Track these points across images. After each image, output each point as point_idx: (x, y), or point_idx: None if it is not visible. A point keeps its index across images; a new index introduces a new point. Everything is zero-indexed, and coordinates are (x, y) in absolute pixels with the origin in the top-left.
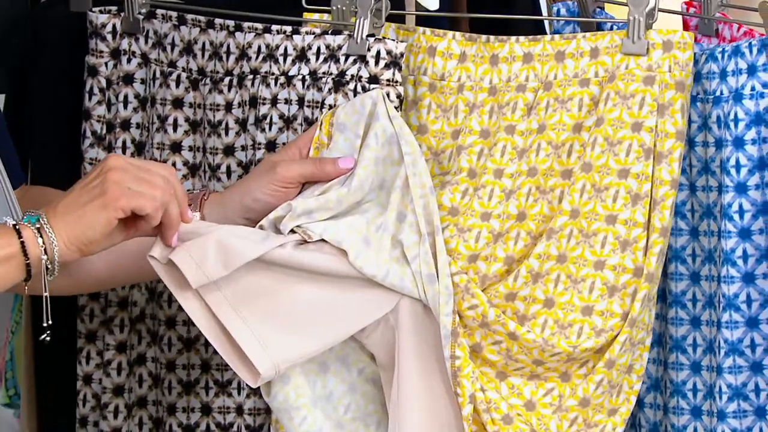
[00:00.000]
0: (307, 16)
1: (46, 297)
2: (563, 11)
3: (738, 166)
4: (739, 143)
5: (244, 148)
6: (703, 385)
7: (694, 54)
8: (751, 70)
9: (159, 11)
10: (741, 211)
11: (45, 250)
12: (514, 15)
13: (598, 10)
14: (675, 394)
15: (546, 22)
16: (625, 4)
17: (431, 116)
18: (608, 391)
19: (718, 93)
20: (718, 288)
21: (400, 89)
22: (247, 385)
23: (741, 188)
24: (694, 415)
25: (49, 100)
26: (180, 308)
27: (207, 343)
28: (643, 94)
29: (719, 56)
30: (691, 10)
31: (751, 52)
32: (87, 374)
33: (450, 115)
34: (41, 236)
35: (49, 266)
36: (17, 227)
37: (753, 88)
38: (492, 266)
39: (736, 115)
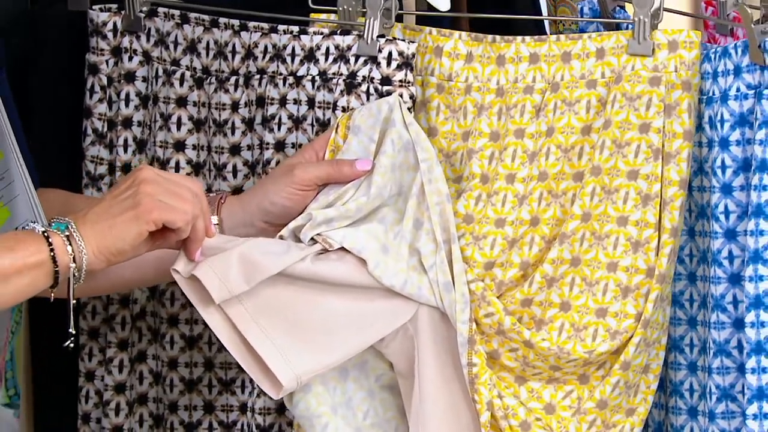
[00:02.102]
0: (313, 16)
1: (72, 305)
2: (586, 9)
3: (723, 167)
4: (724, 144)
5: (250, 147)
6: (698, 385)
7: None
8: (737, 71)
9: (161, 9)
10: (726, 212)
11: (74, 258)
12: (515, 15)
13: (617, 8)
14: (673, 394)
15: (546, 22)
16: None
17: (440, 117)
18: (625, 391)
19: (710, 93)
20: (708, 288)
21: (413, 90)
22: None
23: (726, 189)
24: (690, 415)
25: (49, 99)
26: (183, 306)
27: (210, 342)
28: (649, 95)
29: (712, 57)
30: (710, 9)
31: (736, 53)
32: (89, 371)
33: (459, 116)
34: (70, 244)
35: (76, 274)
36: (46, 234)
37: (738, 89)
38: (508, 272)
39: (722, 115)
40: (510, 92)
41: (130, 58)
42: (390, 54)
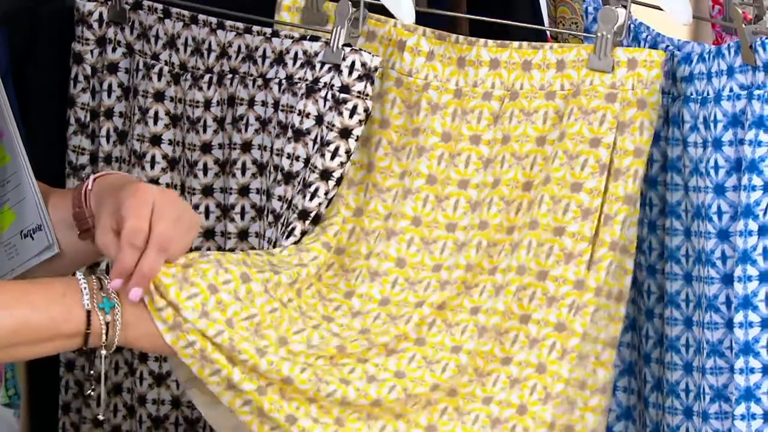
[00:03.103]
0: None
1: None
2: (591, 9)
3: (716, 168)
4: (717, 144)
5: (221, 146)
6: (694, 385)
7: (689, 54)
8: (730, 72)
9: (145, 2)
10: (719, 213)
11: (105, 345)
12: (514, 15)
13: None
14: (670, 394)
15: (546, 20)
16: (657, 7)
17: (394, 111)
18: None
19: (704, 94)
20: (702, 289)
21: (369, 103)
22: None
23: (719, 189)
24: (686, 415)
25: (48, 95)
26: None
27: None
28: (604, 111)
29: (706, 57)
30: (716, 8)
31: (729, 53)
32: (69, 360)
33: (413, 112)
34: (107, 332)
35: (102, 354)
36: (89, 311)
37: (731, 90)
38: (453, 273)
39: (715, 116)
40: (468, 96)
41: (114, 49)
42: (353, 64)
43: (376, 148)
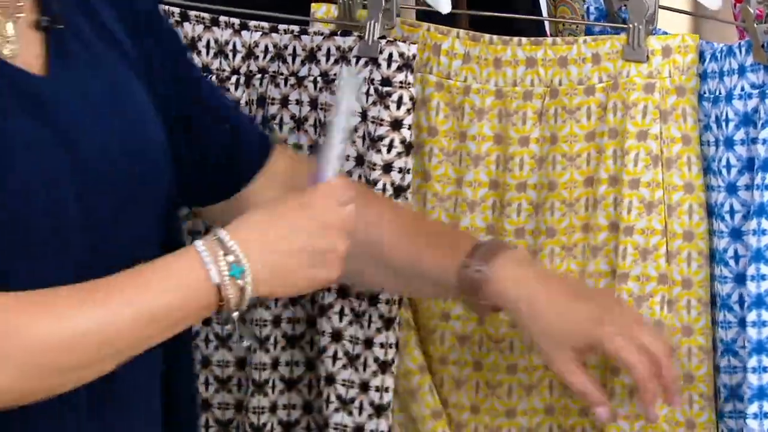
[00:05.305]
0: (314, 7)
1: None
2: (592, 9)
3: (728, 166)
4: (729, 143)
5: None
6: None
7: (703, 53)
8: (741, 71)
9: (161, 7)
10: (732, 212)
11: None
12: (515, 13)
13: (623, 8)
14: None
15: (546, 24)
16: (663, 7)
17: (440, 116)
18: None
19: (717, 93)
20: (716, 287)
21: (413, 91)
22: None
23: (731, 188)
24: None
25: None
26: None
27: (207, 339)
28: (645, 103)
29: (718, 56)
30: (738, 6)
31: (740, 52)
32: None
33: (458, 115)
34: (241, 298)
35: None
36: (219, 285)
37: (742, 89)
38: None
39: (727, 115)
40: (509, 96)
41: None
42: (390, 55)
43: (429, 157)
